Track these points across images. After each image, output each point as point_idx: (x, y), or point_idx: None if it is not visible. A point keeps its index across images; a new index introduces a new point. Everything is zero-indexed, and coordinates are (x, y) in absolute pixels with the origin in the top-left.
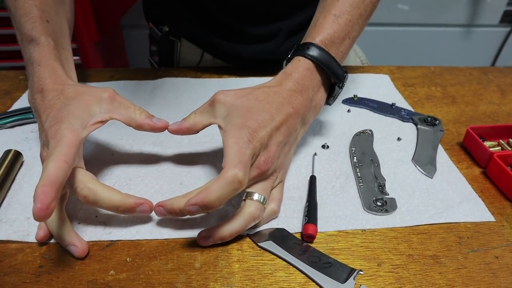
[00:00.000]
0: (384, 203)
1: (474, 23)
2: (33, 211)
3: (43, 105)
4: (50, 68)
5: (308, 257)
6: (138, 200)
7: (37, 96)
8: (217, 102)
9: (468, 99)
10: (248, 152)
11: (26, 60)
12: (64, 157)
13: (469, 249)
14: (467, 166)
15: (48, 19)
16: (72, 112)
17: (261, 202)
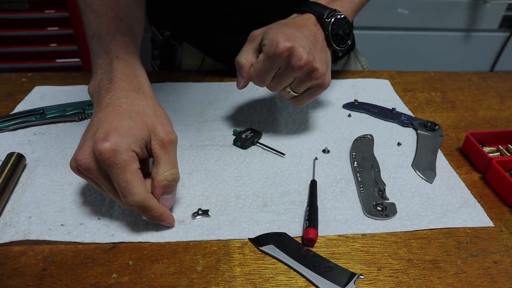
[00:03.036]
0: (384, 208)
1: (474, 28)
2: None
3: (110, 99)
4: (129, 65)
5: (309, 261)
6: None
7: (104, 85)
8: (253, 35)
9: (468, 105)
10: (281, 47)
11: (97, 52)
12: (143, 190)
13: (468, 254)
14: (467, 172)
15: (122, 18)
16: (133, 132)
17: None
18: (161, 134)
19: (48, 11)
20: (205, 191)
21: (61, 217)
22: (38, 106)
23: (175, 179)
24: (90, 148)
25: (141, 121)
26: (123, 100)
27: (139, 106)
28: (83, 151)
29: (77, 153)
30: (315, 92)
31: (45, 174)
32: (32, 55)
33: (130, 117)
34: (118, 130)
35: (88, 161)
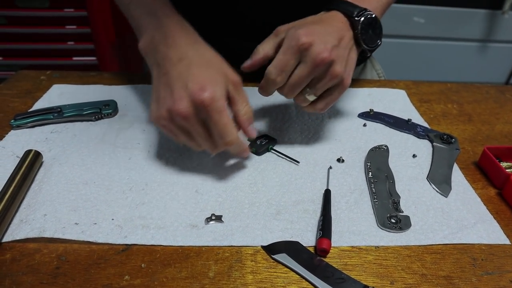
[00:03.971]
0: (398, 221)
1: (491, 39)
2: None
3: (175, 52)
4: (180, 21)
5: (322, 272)
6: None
7: (165, 41)
8: (279, 30)
9: (485, 118)
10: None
11: (140, 14)
12: (234, 126)
13: (483, 272)
14: (483, 187)
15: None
16: (217, 80)
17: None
18: (232, 77)
19: (67, 9)
20: (218, 197)
21: (75, 216)
22: (56, 104)
23: (251, 111)
24: (187, 98)
25: (217, 70)
26: (192, 53)
27: (207, 56)
28: (179, 102)
29: (171, 104)
30: (333, 93)
31: (60, 173)
32: (49, 52)
33: (209, 67)
34: (209, 80)
35: (188, 109)
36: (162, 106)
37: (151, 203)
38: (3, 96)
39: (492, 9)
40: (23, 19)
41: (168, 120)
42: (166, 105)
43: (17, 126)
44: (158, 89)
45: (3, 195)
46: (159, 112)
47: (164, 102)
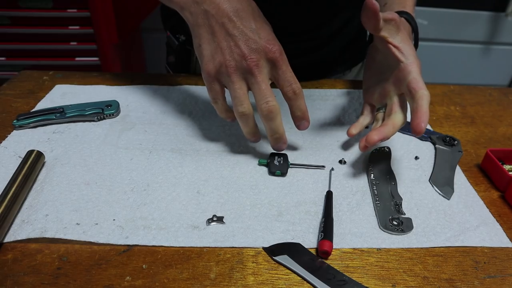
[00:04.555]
0: (400, 223)
1: (494, 41)
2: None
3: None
4: None
5: (323, 274)
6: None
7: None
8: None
9: (488, 120)
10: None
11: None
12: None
13: (486, 275)
14: (485, 189)
15: None
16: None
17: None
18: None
19: (71, 10)
20: (220, 198)
21: (77, 216)
22: (58, 104)
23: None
24: (258, 49)
25: (267, 23)
26: (243, 5)
27: (256, 7)
28: (250, 51)
29: (241, 52)
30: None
31: (62, 173)
32: (52, 53)
33: (264, 22)
34: (272, 35)
35: (259, 58)
36: (227, 56)
37: (152, 204)
38: (6, 96)
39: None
40: (26, 19)
41: (234, 68)
42: (234, 54)
43: (20, 126)
44: (213, 41)
45: (5, 196)
46: (222, 63)
47: (228, 52)
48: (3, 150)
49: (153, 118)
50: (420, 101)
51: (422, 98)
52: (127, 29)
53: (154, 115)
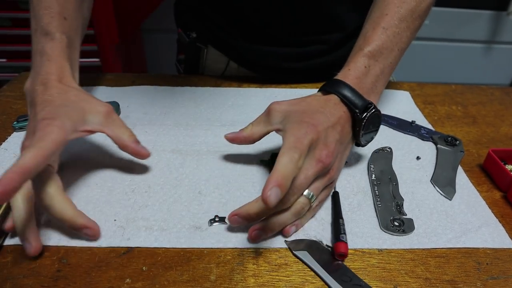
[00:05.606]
0: (402, 223)
1: (495, 40)
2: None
3: (42, 97)
4: (59, 66)
5: (340, 276)
6: (86, 223)
7: (38, 87)
8: (273, 110)
9: (490, 120)
10: (305, 141)
11: (35, 51)
12: (44, 152)
13: (488, 276)
14: (487, 190)
15: (66, 16)
16: (68, 113)
17: (309, 198)
18: (100, 109)
19: None
20: (222, 198)
21: None
22: None
23: (133, 133)
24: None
25: (73, 107)
26: (56, 97)
27: (70, 99)
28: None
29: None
30: (326, 194)
31: (63, 176)
32: None
33: (64, 106)
34: (55, 115)
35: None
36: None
37: (154, 205)
38: (6, 98)
39: (497, 10)
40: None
41: None
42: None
43: (20, 128)
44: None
45: None
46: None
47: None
48: (3, 152)
49: (154, 119)
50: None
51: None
52: (128, 30)
53: (154, 116)
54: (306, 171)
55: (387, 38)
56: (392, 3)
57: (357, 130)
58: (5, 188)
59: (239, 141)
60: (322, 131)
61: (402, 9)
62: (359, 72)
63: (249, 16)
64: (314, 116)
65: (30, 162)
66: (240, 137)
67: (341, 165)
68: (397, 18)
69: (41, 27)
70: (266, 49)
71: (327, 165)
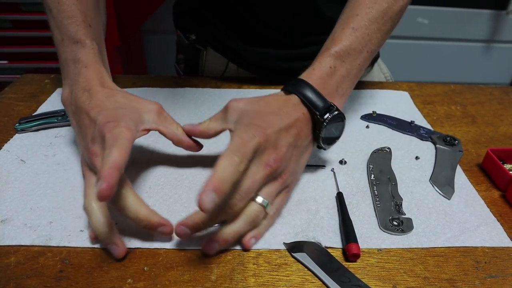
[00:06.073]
0: (401, 223)
1: (495, 39)
2: (99, 190)
3: (90, 103)
4: (97, 71)
5: (339, 276)
6: (162, 221)
7: (82, 94)
8: (230, 108)
9: (489, 120)
10: (250, 144)
11: (66, 60)
12: (126, 149)
13: (487, 275)
14: (486, 189)
15: (90, 23)
16: (127, 114)
17: (264, 206)
18: (150, 107)
19: None
20: None
21: (81, 223)
22: (60, 107)
23: (182, 128)
24: (97, 136)
25: (128, 108)
26: (106, 102)
27: (120, 101)
28: (91, 143)
29: (85, 146)
30: (283, 200)
31: (65, 179)
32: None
33: (118, 108)
34: (115, 116)
35: (97, 149)
36: (82, 150)
37: (154, 206)
38: (8, 100)
39: (497, 9)
40: (28, 23)
41: (87, 163)
42: (83, 148)
43: (22, 129)
44: (77, 137)
45: None
46: (81, 156)
47: (81, 145)
48: (5, 154)
49: None
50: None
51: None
52: (128, 32)
53: None
54: (253, 175)
55: (355, 39)
56: (363, 4)
57: (317, 132)
58: (109, 183)
59: (194, 134)
60: (272, 134)
61: (373, 10)
62: (323, 72)
63: (247, 18)
64: (266, 118)
65: (119, 158)
66: (196, 130)
67: (297, 168)
68: (367, 19)
69: (69, 36)
70: (265, 51)
71: (275, 169)
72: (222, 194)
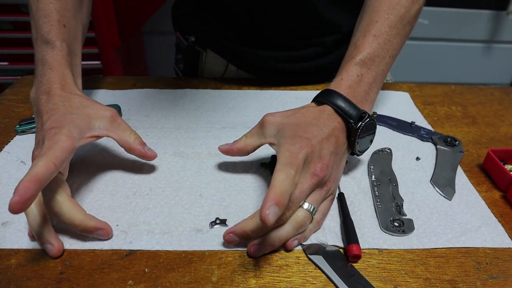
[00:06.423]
0: (402, 224)
1: (495, 40)
2: (10, 203)
3: (47, 106)
4: (60, 74)
5: (353, 283)
6: (98, 225)
7: (42, 97)
8: (267, 123)
9: (489, 120)
10: (300, 156)
11: (37, 60)
12: (55, 160)
13: (488, 276)
14: (487, 189)
15: (65, 23)
16: (74, 120)
17: (310, 211)
18: (104, 114)
19: None
20: (223, 201)
21: None
22: None
23: (139, 136)
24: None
25: (78, 114)
26: (60, 105)
27: (74, 105)
28: (35, 147)
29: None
30: (328, 205)
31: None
32: None
33: (70, 114)
34: (61, 123)
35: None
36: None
37: (155, 208)
38: (9, 102)
39: (497, 9)
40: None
41: None
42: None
43: (22, 131)
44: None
45: None
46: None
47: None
48: (6, 155)
49: (155, 122)
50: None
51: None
52: (129, 33)
53: (155, 119)
54: (301, 185)
55: (378, 45)
56: (382, 10)
57: (352, 140)
58: (22, 197)
59: (232, 153)
60: (316, 144)
61: (392, 15)
62: (351, 81)
63: (246, 20)
64: (307, 129)
65: (42, 170)
66: (234, 149)
67: (338, 175)
68: (387, 25)
69: (41, 36)
70: (264, 52)
71: (322, 178)
72: (282, 207)
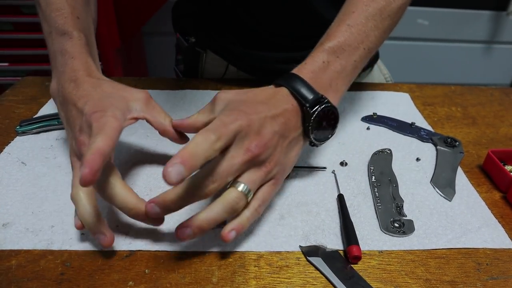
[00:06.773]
0: (402, 225)
1: (495, 40)
2: (81, 175)
3: (77, 93)
4: (84, 61)
5: (353, 284)
6: None
7: (69, 85)
8: (218, 99)
9: (489, 121)
10: (231, 126)
11: (54, 52)
12: (112, 138)
13: (488, 277)
14: (487, 190)
15: (78, 15)
16: (114, 103)
17: (245, 193)
18: (137, 95)
19: None
20: None
21: None
22: None
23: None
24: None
25: (115, 98)
26: (93, 92)
27: (107, 91)
28: (78, 133)
29: (72, 137)
30: (269, 192)
31: (66, 182)
32: None
33: (106, 98)
34: (102, 106)
35: (85, 139)
36: (70, 140)
37: None
38: (9, 102)
39: (497, 10)
40: (29, 25)
41: (75, 153)
42: (71, 138)
43: (23, 132)
44: (65, 128)
45: None
46: (70, 146)
47: (69, 136)
48: (6, 156)
49: None
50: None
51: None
52: (129, 33)
53: None
54: (231, 158)
55: (351, 35)
56: (361, 2)
57: (306, 125)
58: (92, 169)
59: (182, 128)
60: (256, 120)
61: (370, 7)
62: (315, 66)
63: (246, 22)
64: (252, 105)
65: (104, 145)
66: (184, 123)
67: (285, 160)
68: (364, 16)
69: (56, 28)
70: (264, 54)
71: (256, 155)
72: (190, 168)
